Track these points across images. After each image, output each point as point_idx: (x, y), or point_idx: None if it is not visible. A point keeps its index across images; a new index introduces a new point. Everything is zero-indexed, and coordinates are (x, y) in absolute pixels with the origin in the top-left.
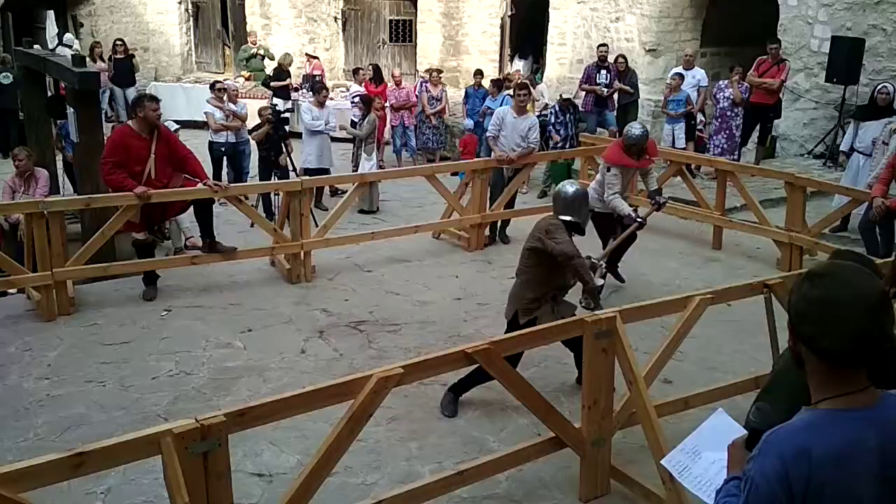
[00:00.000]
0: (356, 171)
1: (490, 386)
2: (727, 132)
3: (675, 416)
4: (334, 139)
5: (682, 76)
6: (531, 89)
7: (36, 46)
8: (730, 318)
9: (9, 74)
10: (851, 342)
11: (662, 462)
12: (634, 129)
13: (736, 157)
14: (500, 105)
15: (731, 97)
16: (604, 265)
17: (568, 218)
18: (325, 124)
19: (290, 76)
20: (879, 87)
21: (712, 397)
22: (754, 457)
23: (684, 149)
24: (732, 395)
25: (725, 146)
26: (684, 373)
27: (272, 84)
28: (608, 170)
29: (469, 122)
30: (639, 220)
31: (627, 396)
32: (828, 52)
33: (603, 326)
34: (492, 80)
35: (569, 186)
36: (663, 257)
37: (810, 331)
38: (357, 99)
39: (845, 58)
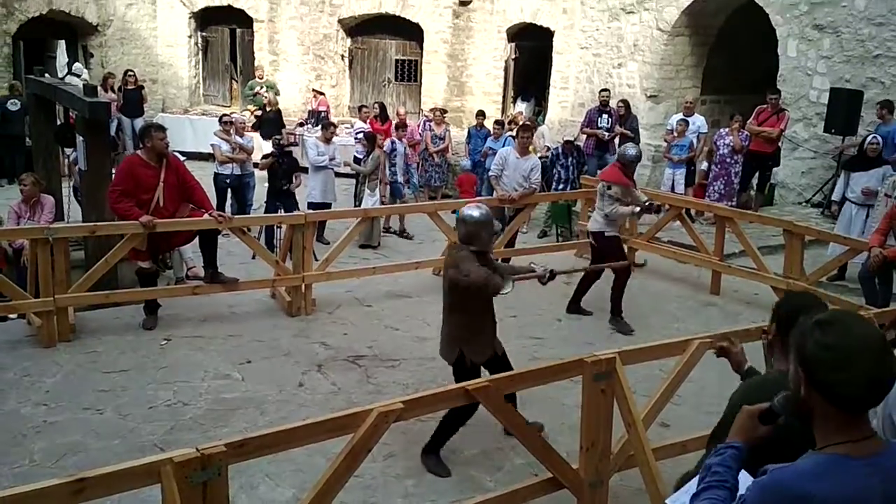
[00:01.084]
0: (359, 206)
1: (488, 425)
2: (726, 178)
3: (672, 460)
4: (338, 175)
5: (686, 122)
6: (534, 131)
7: (46, 75)
8: (728, 364)
9: (17, 101)
10: (866, 387)
11: (667, 502)
12: (630, 149)
13: (734, 203)
14: (503, 145)
15: (731, 144)
16: (549, 272)
17: (471, 248)
18: (331, 160)
19: (274, 111)
20: (870, 138)
21: None
22: (756, 487)
23: (683, 194)
24: None
25: (724, 192)
26: (682, 417)
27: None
28: (608, 188)
29: (467, 162)
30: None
31: (625, 438)
32: (826, 102)
33: (602, 367)
34: (495, 121)
35: (473, 210)
36: (662, 301)
37: (827, 377)
38: (361, 135)
39: (844, 109)
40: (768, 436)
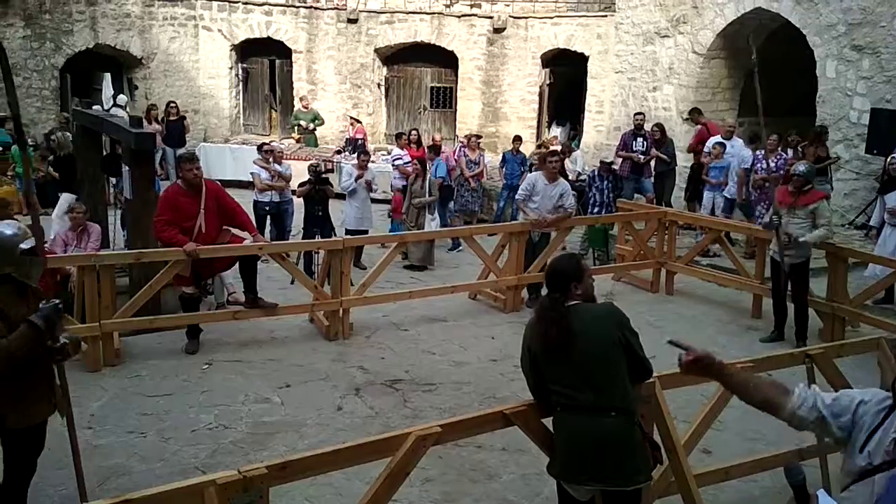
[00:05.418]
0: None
1: (526, 449)
2: (767, 202)
3: (714, 487)
4: (374, 200)
5: (723, 145)
6: (563, 156)
7: (95, 107)
8: None
9: (68, 134)
10: None
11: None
12: (800, 165)
13: None
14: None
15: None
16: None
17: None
18: (367, 182)
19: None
20: (890, 158)
21: (753, 468)
22: None
23: (724, 217)
24: (774, 467)
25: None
26: (724, 443)
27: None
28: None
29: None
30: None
31: (666, 465)
32: (867, 123)
33: (642, 392)
34: (429, 146)
35: (6, 229)
36: (701, 324)
37: None
38: (401, 163)
39: (885, 129)
40: None
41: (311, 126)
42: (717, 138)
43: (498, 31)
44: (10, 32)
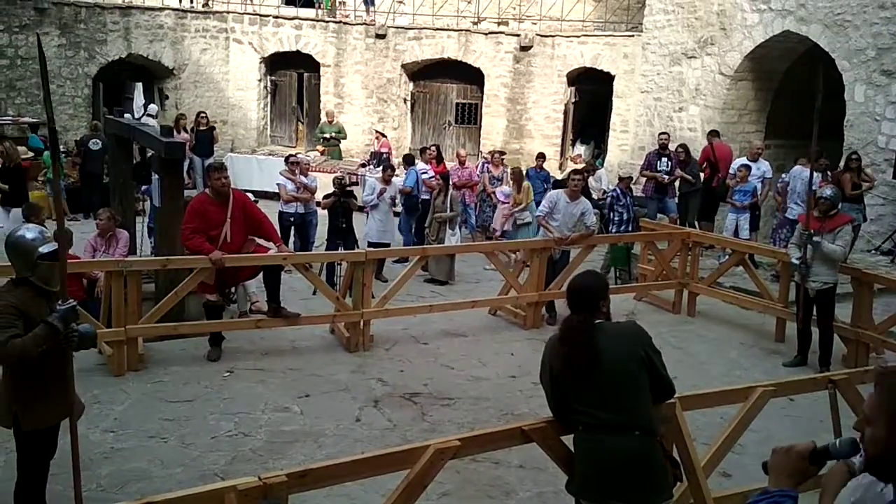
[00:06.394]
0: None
1: (544, 467)
2: (791, 225)
3: None
4: (397, 214)
5: (748, 167)
6: (587, 174)
7: (127, 115)
8: (791, 413)
9: (98, 141)
10: None
11: None
12: (826, 189)
13: None
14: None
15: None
16: None
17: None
18: (391, 197)
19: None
20: None
21: None
22: None
23: (748, 239)
24: None
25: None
26: (743, 467)
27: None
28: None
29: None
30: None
31: (685, 486)
32: None
33: (662, 412)
34: (404, 156)
35: (27, 233)
36: (724, 347)
37: None
38: (425, 176)
39: None
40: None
41: (332, 134)
42: (743, 160)
43: (524, 48)
44: (45, 41)
